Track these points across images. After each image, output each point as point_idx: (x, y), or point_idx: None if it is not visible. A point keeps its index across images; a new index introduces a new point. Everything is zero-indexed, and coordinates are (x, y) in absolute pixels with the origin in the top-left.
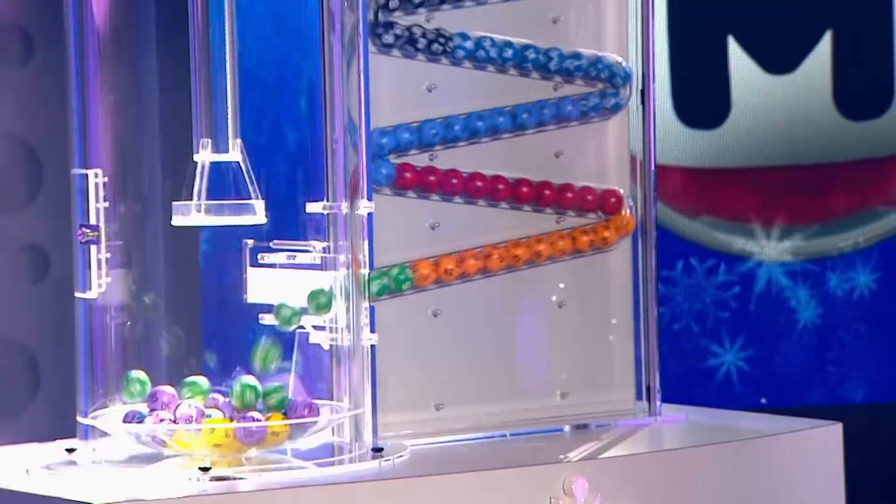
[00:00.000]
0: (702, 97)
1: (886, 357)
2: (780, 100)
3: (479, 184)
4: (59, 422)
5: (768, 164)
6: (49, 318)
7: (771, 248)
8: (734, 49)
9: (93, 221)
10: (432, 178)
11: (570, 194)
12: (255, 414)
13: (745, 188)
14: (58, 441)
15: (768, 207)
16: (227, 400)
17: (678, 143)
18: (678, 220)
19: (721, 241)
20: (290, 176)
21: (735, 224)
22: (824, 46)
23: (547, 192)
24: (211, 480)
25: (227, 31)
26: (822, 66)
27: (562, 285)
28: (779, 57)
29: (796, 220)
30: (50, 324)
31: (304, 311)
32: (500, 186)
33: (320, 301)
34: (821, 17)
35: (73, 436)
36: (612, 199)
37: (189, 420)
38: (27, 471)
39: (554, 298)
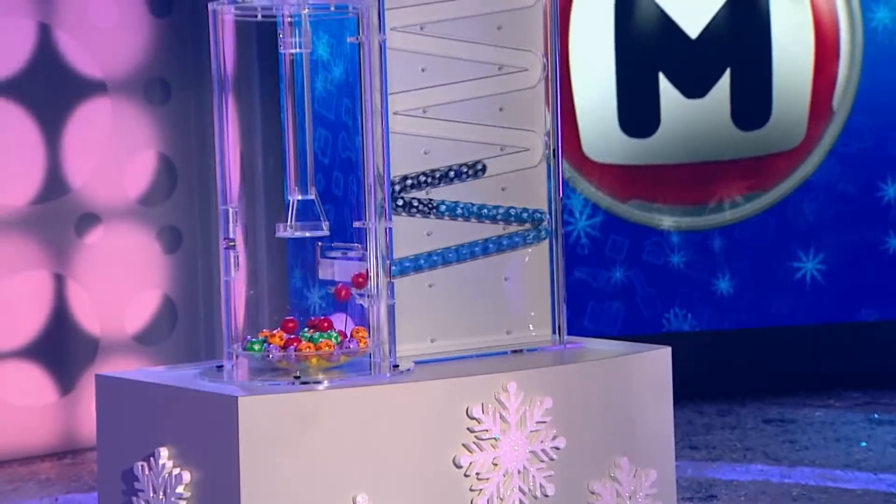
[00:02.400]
0: (638, 114)
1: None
2: (694, 117)
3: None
4: (189, 350)
5: (685, 161)
6: (183, 277)
7: (670, 222)
8: (663, 81)
9: (231, 236)
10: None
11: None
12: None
13: (665, 180)
14: (211, 360)
15: (682, 192)
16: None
17: (619, 147)
18: (613, 203)
19: (640, 217)
20: (344, 205)
21: (655, 205)
22: (725, 80)
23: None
24: (301, 383)
25: (306, 114)
26: (723, 93)
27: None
28: (694, 86)
29: (701, 201)
30: (183, 280)
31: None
32: None
33: None
34: (723, 60)
35: (204, 360)
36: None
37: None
38: (200, 375)
39: (503, 274)
